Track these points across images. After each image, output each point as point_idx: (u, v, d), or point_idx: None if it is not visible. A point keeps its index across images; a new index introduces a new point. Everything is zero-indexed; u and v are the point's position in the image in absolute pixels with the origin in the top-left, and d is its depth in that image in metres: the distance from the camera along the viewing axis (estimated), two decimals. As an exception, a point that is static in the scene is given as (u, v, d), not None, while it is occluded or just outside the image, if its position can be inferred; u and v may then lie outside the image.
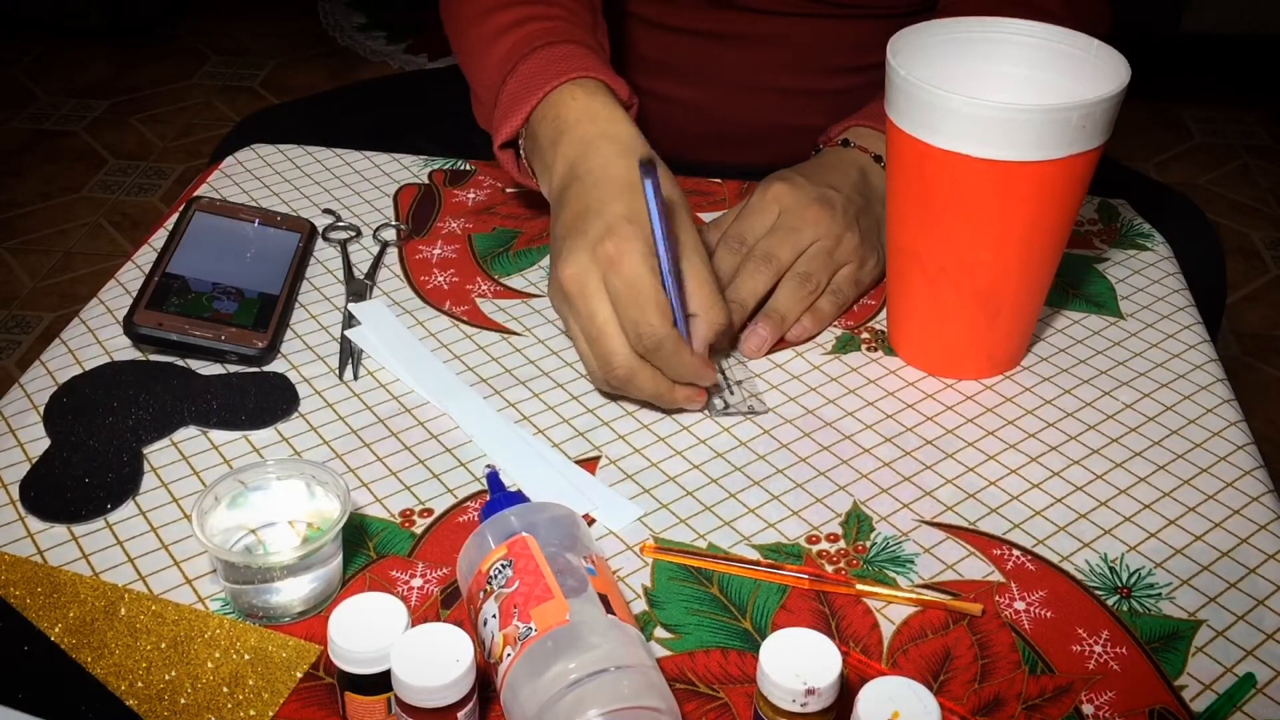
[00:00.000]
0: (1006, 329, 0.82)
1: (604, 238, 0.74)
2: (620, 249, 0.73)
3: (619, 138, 0.80)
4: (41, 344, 2.01)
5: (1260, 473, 0.76)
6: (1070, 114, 0.71)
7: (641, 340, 0.74)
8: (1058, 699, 0.62)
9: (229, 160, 1.05)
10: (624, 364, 0.75)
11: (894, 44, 0.77)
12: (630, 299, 0.73)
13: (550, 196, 0.83)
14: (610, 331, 0.74)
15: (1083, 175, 0.75)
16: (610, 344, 0.74)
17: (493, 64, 0.89)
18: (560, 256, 0.76)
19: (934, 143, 0.74)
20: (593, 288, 0.74)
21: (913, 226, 0.79)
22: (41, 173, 2.53)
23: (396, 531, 0.70)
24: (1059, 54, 0.79)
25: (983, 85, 0.80)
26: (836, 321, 0.88)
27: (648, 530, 0.71)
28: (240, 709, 0.59)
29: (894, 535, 0.71)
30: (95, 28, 3.03)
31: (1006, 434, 0.79)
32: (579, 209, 0.77)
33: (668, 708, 0.56)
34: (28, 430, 0.76)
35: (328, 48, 3.09)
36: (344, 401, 0.80)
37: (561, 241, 0.77)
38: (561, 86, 0.83)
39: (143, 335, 0.81)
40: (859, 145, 0.92)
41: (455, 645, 0.55)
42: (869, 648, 0.64)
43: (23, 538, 0.69)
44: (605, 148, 0.79)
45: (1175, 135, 2.75)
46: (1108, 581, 0.68)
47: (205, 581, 0.67)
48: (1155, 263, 0.95)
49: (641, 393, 0.76)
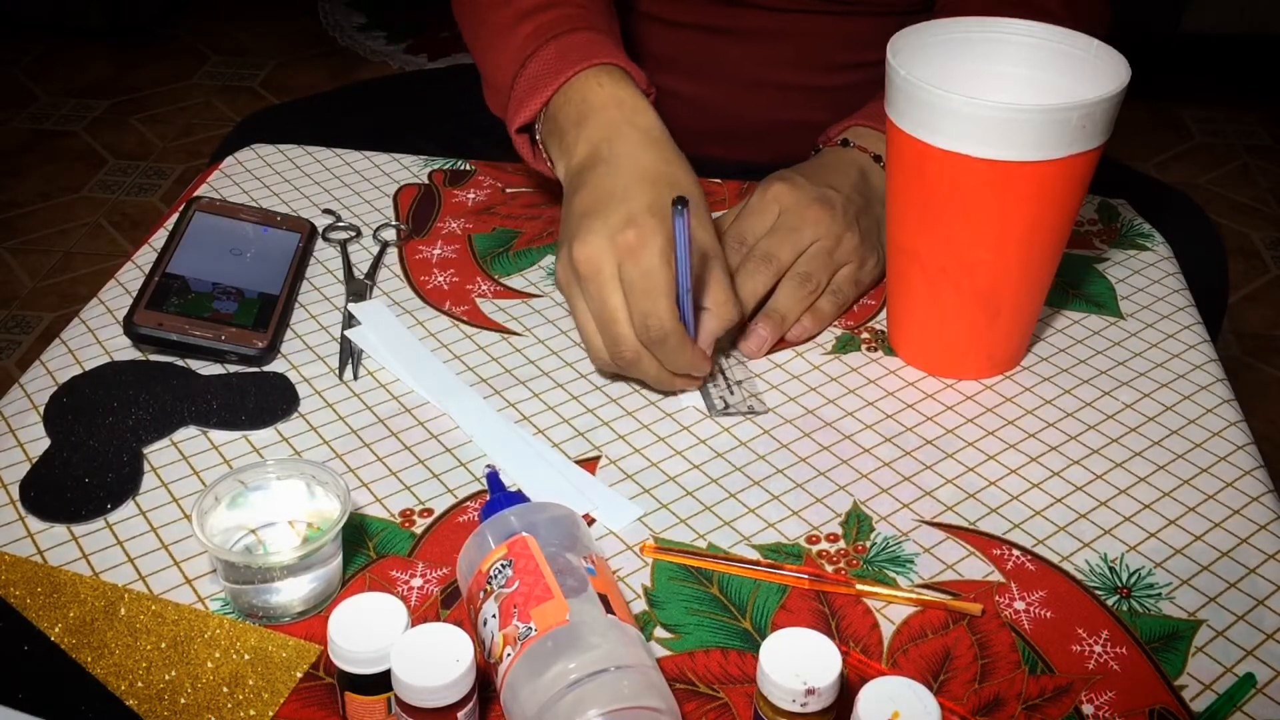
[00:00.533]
0: (1006, 329, 0.82)
1: (626, 226, 0.75)
2: (641, 239, 0.74)
3: (646, 127, 0.81)
4: (41, 344, 2.01)
5: (1260, 473, 0.76)
6: (1070, 114, 0.71)
7: (648, 331, 0.75)
8: (1058, 699, 0.62)
9: (229, 160, 1.05)
10: (631, 349, 0.76)
11: (894, 44, 0.77)
12: (644, 290, 0.74)
13: (567, 175, 0.83)
14: (621, 318, 0.75)
15: (1083, 175, 0.75)
16: (620, 329, 0.76)
17: (512, 49, 0.89)
18: (577, 235, 0.76)
19: (934, 143, 0.74)
20: (608, 273, 0.75)
21: (912, 226, 0.79)
22: (41, 173, 2.53)
23: (396, 531, 0.70)
24: (1059, 54, 0.79)
25: (983, 85, 0.80)
26: (836, 321, 0.88)
27: (648, 530, 0.71)
28: (240, 709, 0.59)
29: (894, 535, 0.71)
30: (95, 28, 3.03)
31: (1006, 434, 0.79)
32: (601, 193, 0.78)
33: (668, 708, 0.56)
34: (28, 430, 0.76)
35: (328, 48, 3.09)
36: (344, 401, 0.80)
37: (579, 220, 0.77)
38: (586, 71, 0.84)
39: (143, 335, 0.81)
40: (858, 145, 0.92)
41: (455, 645, 0.55)
42: (869, 648, 0.64)
43: (23, 538, 0.69)
44: (632, 135, 0.81)
45: (1175, 135, 2.75)
46: (1108, 581, 0.68)
47: (205, 581, 0.67)
48: (1155, 263, 0.95)
49: (644, 375, 0.78)
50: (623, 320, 0.76)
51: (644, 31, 1.08)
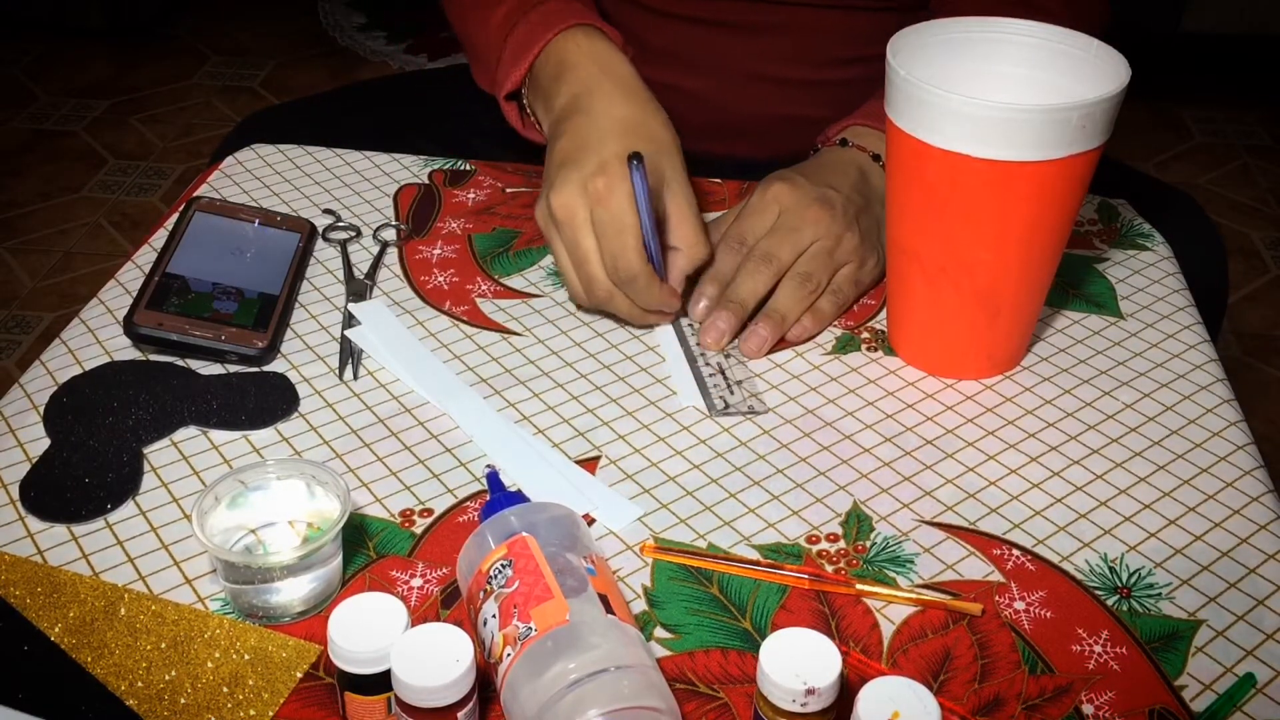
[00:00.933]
0: (1006, 329, 0.82)
1: (597, 174, 0.80)
2: (610, 186, 0.80)
3: (621, 77, 0.88)
4: (41, 344, 2.01)
5: (1260, 473, 0.76)
6: (1070, 114, 0.71)
7: (618, 272, 0.81)
8: (1058, 699, 0.62)
9: (229, 160, 1.05)
10: (604, 288, 0.82)
11: (894, 44, 0.77)
12: (613, 233, 0.80)
13: (550, 128, 0.90)
14: (593, 259, 0.82)
15: (1083, 175, 0.75)
16: (593, 269, 0.82)
17: (495, 24, 0.96)
18: (554, 184, 0.82)
19: (934, 143, 0.74)
20: (581, 218, 0.81)
21: (912, 226, 0.79)
22: (41, 173, 2.53)
23: (396, 531, 0.70)
24: (1059, 54, 0.79)
25: (983, 85, 0.80)
26: (836, 321, 0.88)
27: (648, 530, 0.71)
28: (240, 709, 0.59)
29: (894, 535, 0.71)
30: (95, 28, 3.03)
31: (1006, 434, 0.79)
32: (578, 142, 0.83)
33: (668, 708, 0.56)
34: (28, 430, 0.76)
35: (328, 48, 3.09)
36: (344, 401, 0.80)
37: (557, 170, 0.83)
38: (564, 32, 0.90)
39: (143, 335, 0.81)
40: (857, 144, 0.92)
41: (455, 645, 0.55)
42: (869, 648, 0.64)
43: (23, 538, 0.69)
44: (607, 86, 0.87)
45: (1175, 135, 2.75)
46: (1108, 581, 0.68)
47: (205, 581, 0.67)
48: (1155, 263, 0.95)
49: (618, 312, 0.84)
50: (595, 261, 0.81)
51: (642, 24, 1.08)
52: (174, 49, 3.05)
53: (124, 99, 2.81)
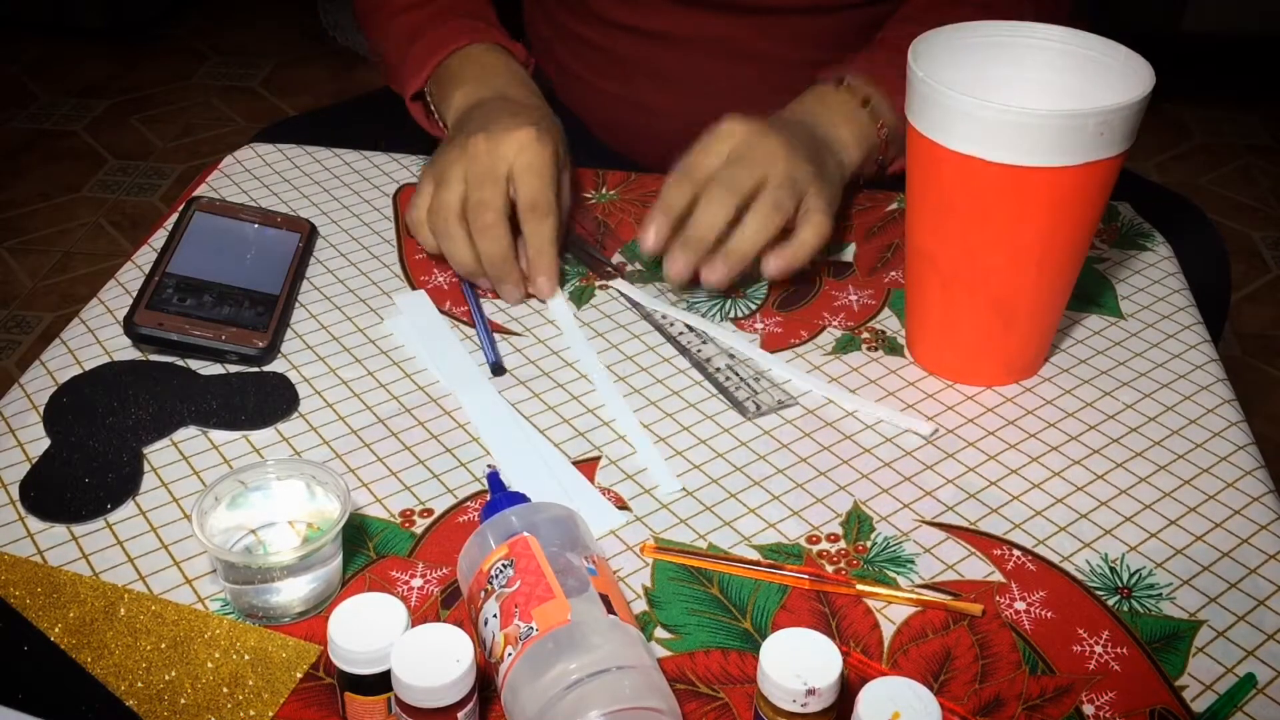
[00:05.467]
0: (1022, 338, 0.81)
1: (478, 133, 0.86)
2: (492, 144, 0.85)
3: (517, 79, 0.97)
4: (41, 344, 2.01)
5: (1261, 473, 0.76)
6: (1086, 120, 0.70)
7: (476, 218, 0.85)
8: (1058, 699, 0.62)
9: (228, 160, 1.05)
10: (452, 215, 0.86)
11: (917, 47, 0.76)
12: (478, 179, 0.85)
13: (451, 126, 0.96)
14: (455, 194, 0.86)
15: (1102, 183, 0.74)
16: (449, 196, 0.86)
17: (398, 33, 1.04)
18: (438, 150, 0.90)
19: (948, 145, 0.73)
20: (456, 174, 0.86)
21: (929, 229, 0.79)
22: (41, 173, 2.53)
23: (396, 531, 0.70)
24: (1088, 60, 0.78)
25: (1010, 90, 0.79)
26: (838, 322, 0.88)
27: (648, 530, 0.71)
28: (240, 709, 0.59)
29: (894, 535, 0.71)
30: (95, 28, 3.02)
31: (1007, 434, 0.79)
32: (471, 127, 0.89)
33: (669, 708, 0.56)
34: (28, 430, 0.76)
35: (328, 48, 3.09)
36: (344, 401, 0.80)
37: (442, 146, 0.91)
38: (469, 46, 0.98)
39: (143, 335, 0.81)
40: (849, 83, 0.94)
41: (455, 645, 0.55)
42: (869, 648, 0.64)
43: (23, 538, 0.69)
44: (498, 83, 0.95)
45: (1175, 135, 2.75)
46: (1108, 582, 0.68)
47: (205, 581, 0.67)
48: (1156, 263, 0.95)
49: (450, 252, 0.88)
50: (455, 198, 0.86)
51: (608, 41, 1.09)
52: (174, 49, 3.05)
53: (124, 99, 2.81)
